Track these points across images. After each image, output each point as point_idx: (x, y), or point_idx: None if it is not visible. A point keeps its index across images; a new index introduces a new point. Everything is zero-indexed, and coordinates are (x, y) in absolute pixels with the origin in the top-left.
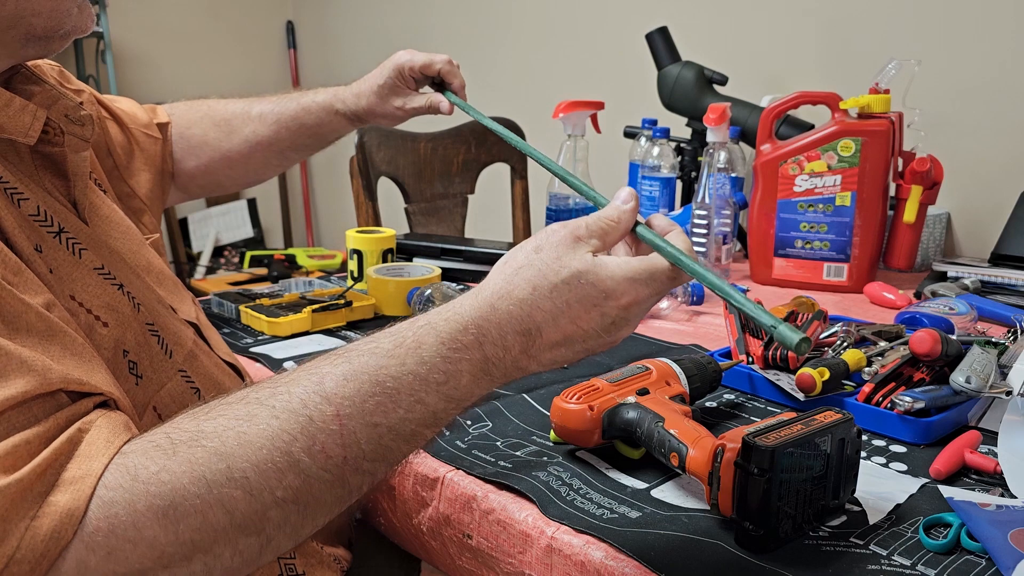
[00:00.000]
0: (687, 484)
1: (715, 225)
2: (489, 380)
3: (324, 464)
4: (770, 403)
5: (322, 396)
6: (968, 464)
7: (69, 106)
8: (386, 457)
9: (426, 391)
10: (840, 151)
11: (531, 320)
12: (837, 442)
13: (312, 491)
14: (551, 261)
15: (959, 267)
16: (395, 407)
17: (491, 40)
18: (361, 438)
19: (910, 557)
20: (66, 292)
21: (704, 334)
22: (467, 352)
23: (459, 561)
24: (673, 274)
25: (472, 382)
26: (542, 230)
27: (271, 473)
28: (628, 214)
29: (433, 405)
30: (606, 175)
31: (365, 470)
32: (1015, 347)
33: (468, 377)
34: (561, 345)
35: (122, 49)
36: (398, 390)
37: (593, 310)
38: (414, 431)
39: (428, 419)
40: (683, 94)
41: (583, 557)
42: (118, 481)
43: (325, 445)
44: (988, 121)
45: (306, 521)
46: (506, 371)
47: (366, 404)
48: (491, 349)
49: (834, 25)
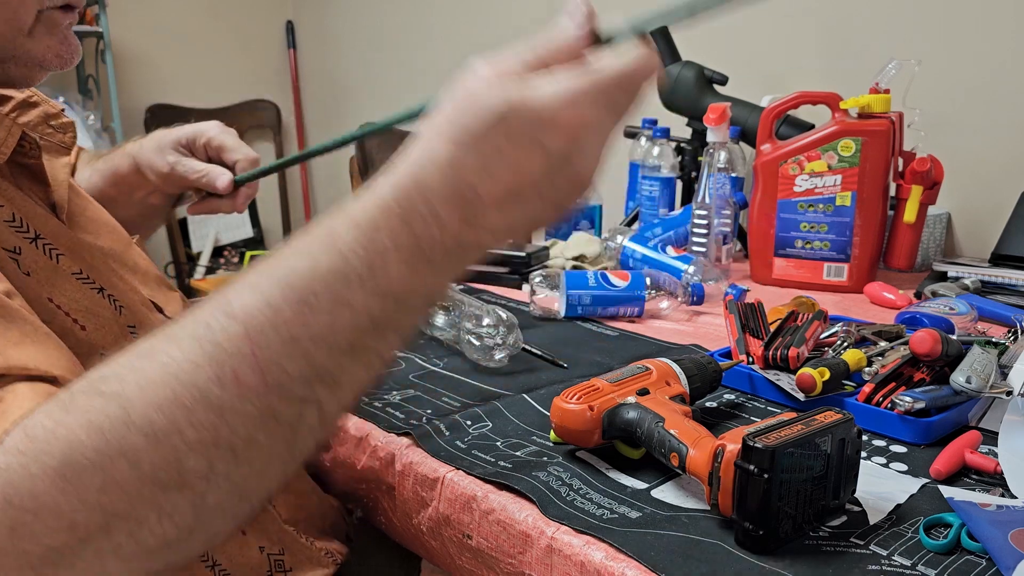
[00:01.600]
0: (687, 484)
1: (715, 225)
2: (431, 267)
3: (241, 394)
4: (770, 403)
5: (227, 314)
6: (968, 464)
7: (50, 112)
8: (326, 378)
9: (349, 289)
10: (840, 151)
11: (462, 182)
12: (837, 442)
13: (236, 430)
14: (468, 107)
15: (959, 267)
16: (314, 314)
17: (491, 40)
18: (280, 357)
19: (910, 557)
20: (44, 295)
21: (704, 334)
22: (391, 236)
23: (459, 561)
24: (626, 76)
25: (408, 272)
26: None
27: (177, 412)
28: (570, 28)
29: (364, 306)
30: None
31: (300, 397)
32: (1015, 347)
33: (400, 267)
34: (509, 202)
35: (122, 49)
36: (314, 293)
37: (532, 148)
38: (352, 342)
39: (365, 325)
40: (683, 94)
41: (583, 557)
42: (14, 444)
43: (237, 371)
44: (988, 121)
45: (244, 469)
46: (449, 251)
47: (278, 316)
48: (422, 227)
49: (834, 25)
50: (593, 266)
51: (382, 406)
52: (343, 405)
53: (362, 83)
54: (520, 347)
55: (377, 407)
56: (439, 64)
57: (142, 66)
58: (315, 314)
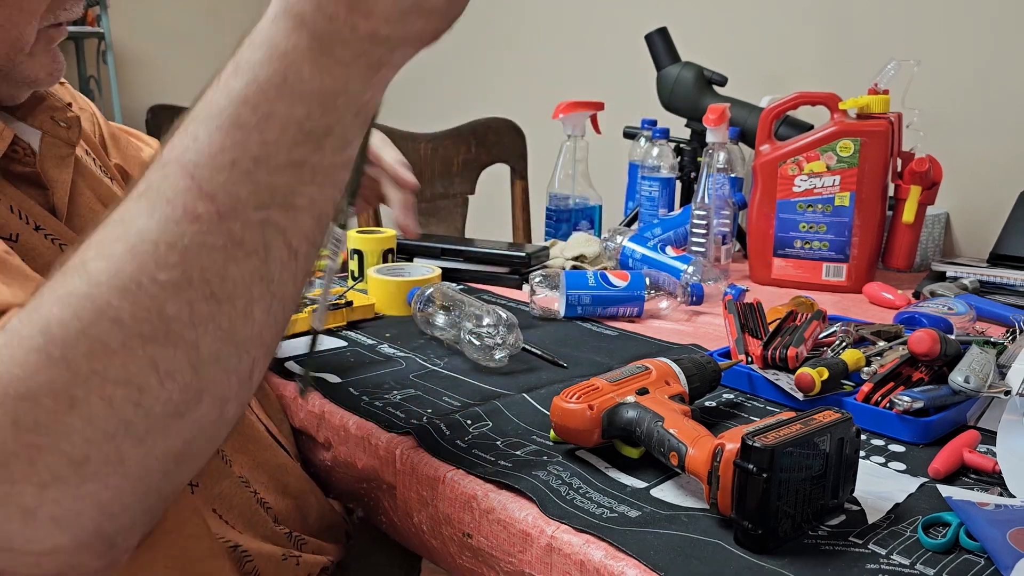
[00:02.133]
0: (686, 483)
1: (714, 225)
2: (334, 60)
3: (199, 228)
4: (769, 403)
5: (161, 164)
6: (967, 463)
7: (56, 106)
8: (277, 198)
9: (268, 101)
10: (839, 151)
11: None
12: (836, 441)
13: (206, 266)
14: None
15: (958, 267)
16: (244, 134)
17: (491, 41)
18: (225, 184)
19: (909, 556)
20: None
21: (703, 334)
22: (289, 39)
23: (459, 560)
24: None
25: (317, 69)
26: None
27: (142, 260)
28: None
29: (288, 113)
30: (606, 175)
31: (258, 221)
32: (1014, 347)
33: (307, 67)
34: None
35: (123, 50)
36: (237, 114)
37: None
38: (291, 156)
39: (297, 134)
40: (682, 95)
41: (583, 556)
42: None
43: (187, 205)
44: (987, 121)
45: (227, 309)
46: (347, 41)
47: (208, 147)
48: (315, 24)
49: (833, 26)
50: (593, 266)
51: (383, 405)
52: (307, 234)
53: None
54: (520, 347)
55: (378, 406)
56: (439, 64)
57: (143, 66)
58: (245, 133)
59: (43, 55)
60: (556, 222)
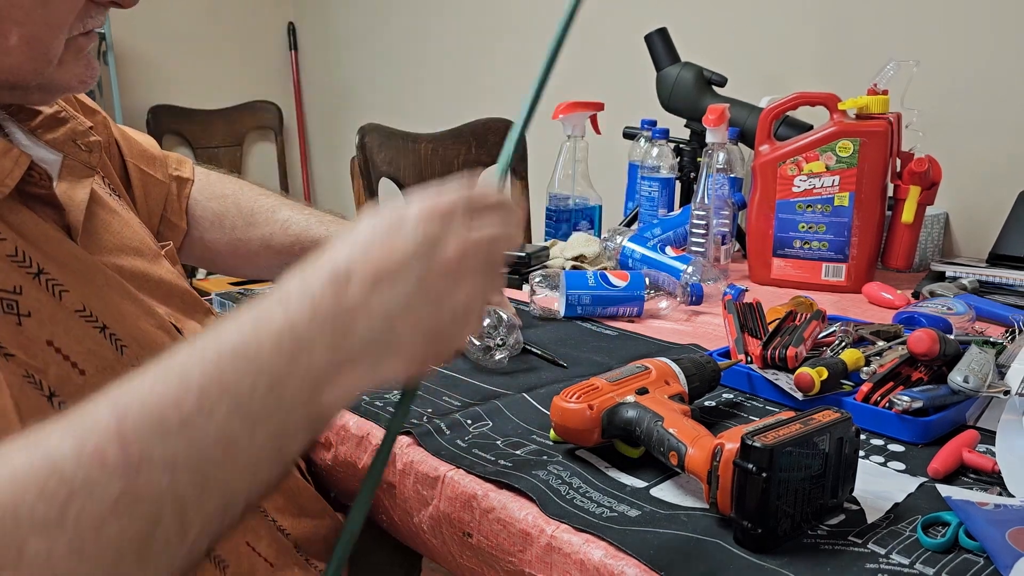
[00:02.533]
0: (686, 483)
1: (714, 225)
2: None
3: (99, 470)
4: (769, 402)
5: (107, 394)
6: (966, 463)
7: (78, 130)
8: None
9: (219, 368)
10: (838, 152)
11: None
12: (835, 441)
13: (86, 510)
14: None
15: (957, 267)
16: (183, 391)
17: (491, 41)
18: (147, 436)
19: (908, 556)
20: (43, 338)
21: (703, 334)
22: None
23: (460, 559)
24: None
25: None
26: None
27: (31, 479)
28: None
29: (235, 382)
30: (606, 175)
31: (165, 484)
32: (1013, 347)
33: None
34: (381, 283)
35: (124, 50)
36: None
37: (396, 234)
38: (222, 431)
39: (235, 407)
40: (682, 95)
41: (583, 556)
42: None
43: (99, 444)
44: (987, 121)
45: (86, 568)
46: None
47: (148, 394)
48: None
49: (833, 26)
50: (592, 266)
51: (383, 405)
52: (207, 516)
53: (363, 84)
54: (520, 347)
55: (378, 406)
56: (439, 65)
57: (144, 67)
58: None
59: (73, 63)
60: (556, 222)
